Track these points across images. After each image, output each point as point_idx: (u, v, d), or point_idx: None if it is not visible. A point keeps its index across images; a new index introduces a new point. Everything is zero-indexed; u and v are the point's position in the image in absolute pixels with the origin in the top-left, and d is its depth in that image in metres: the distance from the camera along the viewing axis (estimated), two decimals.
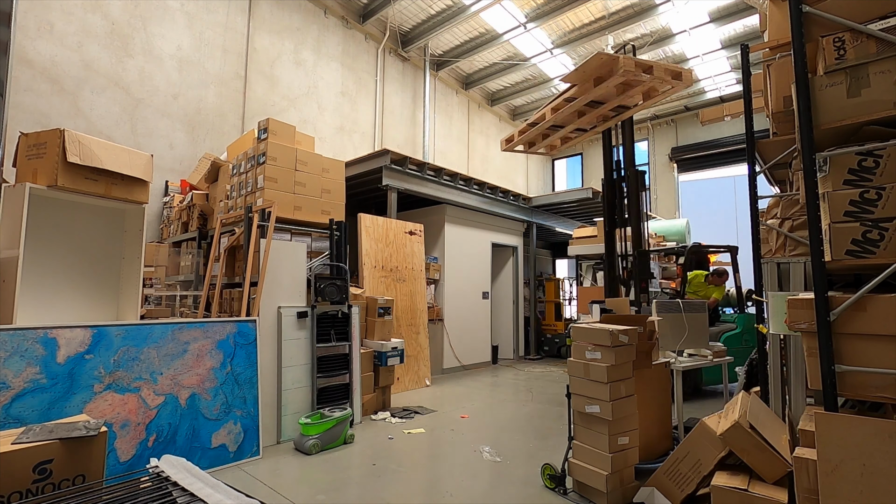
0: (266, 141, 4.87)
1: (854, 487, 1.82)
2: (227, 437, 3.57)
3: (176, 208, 6.56)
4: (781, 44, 2.90)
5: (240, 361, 3.77)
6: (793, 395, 2.74)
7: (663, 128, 14.82)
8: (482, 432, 4.56)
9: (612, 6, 9.52)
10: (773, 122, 3.05)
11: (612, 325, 3.12)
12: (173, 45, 7.08)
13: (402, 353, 5.42)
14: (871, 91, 1.97)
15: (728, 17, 9.51)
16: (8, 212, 3.54)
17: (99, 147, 3.70)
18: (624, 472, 2.98)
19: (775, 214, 3.10)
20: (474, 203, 8.34)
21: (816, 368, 2.00)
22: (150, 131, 6.80)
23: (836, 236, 1.97)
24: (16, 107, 5.52)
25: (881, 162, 1.95)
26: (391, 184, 6.78)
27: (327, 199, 5.29)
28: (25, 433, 2.20)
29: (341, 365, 4.68)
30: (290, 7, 8.73)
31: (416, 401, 5.82)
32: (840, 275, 2.39)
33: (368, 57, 10.20)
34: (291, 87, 8.69)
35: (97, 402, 2.97)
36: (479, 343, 8.61)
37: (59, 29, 5.99)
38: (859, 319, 1.92)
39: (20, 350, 2.75)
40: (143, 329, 3.31)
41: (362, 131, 9.99)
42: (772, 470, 2.45)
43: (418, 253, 7.16)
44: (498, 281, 9.69)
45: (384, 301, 5.55)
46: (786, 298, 2.19)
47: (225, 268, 4.93)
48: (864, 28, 2.01)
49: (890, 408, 2.10)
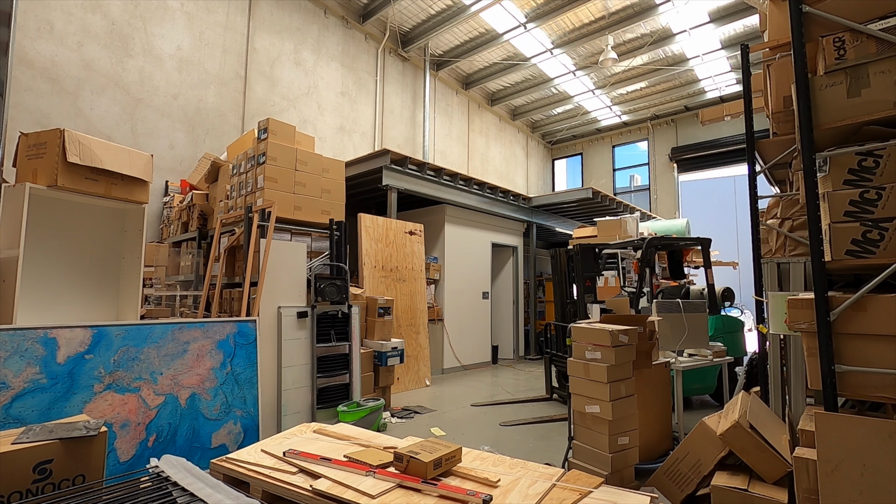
0: (266, 141, 4.87)
1: (854, 487, 1.82)
2: (227, 437, 3.57)
3: (176, 208, 6.56)
4: (781, 44, 2.90)
5: (240, 361, 3.77)
6: (793, 395, 2.74)
7: (663, 128, 14.81)
8: (482, 432, 4.56)
9: (612, 6, 9.51)
10: (773, 122, 3.05)
11: (611, 325, 3.12)
12: (173, 45, 7.08)
13: (402, 353, 5.42)
14: (871, 91, 1.97)
15: (728, 17, 9.51)
16: (8, 212, 3.54)
17: (99, 147, 3.70)
18: (624, 472, 2.97)
19: (775, 214, 3.11)
20: (474, 203, 8.34)
21: (816, 368, 2.00)
22: (150, 131, 6.79)
23: (836, 236, 1.97)
24: (16, 107, 5.52)
25: (881, 162, 1.95)
26: (391, 184, 6.77)
27: (327, 199, 5.29)
28: (25, 433, 2.20)
29: (341, 365, 4.68)
30: (290, 7, 8.73)
31: (417, 401, 5.82)
32: (840, 275, 2.39)
33: (368, 57, 10.20)
34: (291, 87, 8.69)
35: (97, 402, 2.97)
36: (479, 343, 8.61)
37: (59, 29, 5.99)
38: (859, 319, 1.92)
39: (20, 350, 2.75)
40: (143, 329, 3.31)
41: (362, 131, 9.99)
42: (772, 470, 2.45)
43: (418, 253, 7.16)
44: (498, 281, 9.69)
45: (384, 301, 5.55)
46: (786, 298, 2.19)
47: (225, 268, 4.93)
48: (864, 28, 2.01)
49: (890, 408, 2.10)
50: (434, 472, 2.13)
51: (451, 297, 8.00)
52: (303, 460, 2.35)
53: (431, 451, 2.20)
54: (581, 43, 10.45)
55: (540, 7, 9.46)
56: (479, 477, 2.14)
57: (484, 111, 13.71)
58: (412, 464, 2.13)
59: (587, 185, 12.08)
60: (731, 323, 5.62)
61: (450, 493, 1.97)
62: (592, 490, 2.09)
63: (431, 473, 2.11)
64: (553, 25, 10.19)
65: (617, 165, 15.85)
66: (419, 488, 2.03)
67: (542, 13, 9.53)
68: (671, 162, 14.54)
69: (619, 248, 6.84)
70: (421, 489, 2.03)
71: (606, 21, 9.88)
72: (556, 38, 10.68)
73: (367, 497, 1.95)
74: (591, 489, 2.09)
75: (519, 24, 9.87)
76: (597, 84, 12.76)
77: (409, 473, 2.13)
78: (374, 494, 1.97)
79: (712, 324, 5.31)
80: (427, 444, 2.30)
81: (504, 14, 9.59)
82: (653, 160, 14.93)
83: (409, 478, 2.10)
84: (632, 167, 15.59)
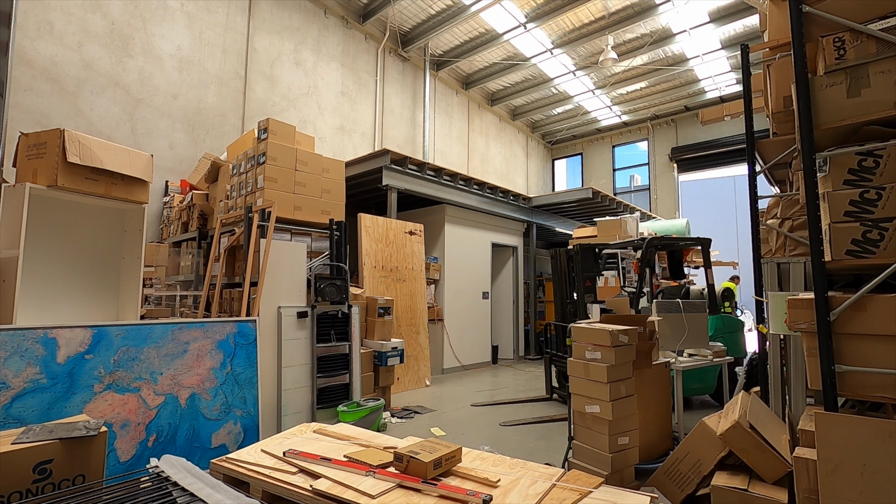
0: (266, 141, 4.87)
1: (854, 487, 1.82)
2: (227, 437, 3.57)
3: (176, 208, 6.56)
4: (781, 44, 2.90)
5: (240, 361, 3.77)
6: (793, 395, 2.74)
7: (663, 128, 14.81)
8: (482, 432, 4.56)
9: (612, 6, 9.51)
10: (773, 122, 3.05)
11: (611, 325, 3.12)
12: (173, 45, 7.08)
13: (402, 353, 5.42)
14: (871, 91, 1.97)
15: (728, 17, 9.51)
16: (8, 212, 3.54)
17: (99, 147, 3.70)
18: (624, 472, 2.97)
19: (775, 214, 3.11)
20: (474, 203, 8.34)
21: (816, 368, 2.00)
22: (150, 131, 6.79)
23: (836, 236, 1.97)
24: (16, 107, 5.52)
25: (881, 162, 1.95)
26: (391, 184, 6.77)
27: (327, 199, 5.29)
28: (25, 433, 2.20)
29: (341, 365, 4.68)
30: (290, 7, 8.73)
31: (417, 401, 5.82)
32: (840, 275, 2.39)
33: (368, 57, 10.20)
34: (291, 87, 8.69)
35: (97, 402, 2.97)
36: (479, 343, 8.61)
37: (59, 29, 5.99)
38: (859, 319, 1.92)
39: (20, 350, 2.74)
40: (143, 329, 3.31)
41: (362, 131, 9.99)
42: (772, 470, 2.45)
43: (418, 253, 7.16)
44: (498, 281, 9.69)
45: (384, 301, 5.55)
46: (786, 298, 2.19)
47: (225, 268, 4.93)
48: (864, 28, 2.00)
49: (890, 408, 2.10)
50: (434, 472, 2.13)
51: (451, 297, 7.99)
52: (303, 460, 2.35)
53: (431, 452, 2.20)
54: (581, 43, 10.45)
55: (540, 7, 9.46)
56: (478, 477, 2.14)
57: (484, 111, 13.71)
58: (412, 464, 2.13)
59: (587, 185, 12.08)
60: (731, 323, 5.62)
61: (450, 492, 1.97)
62: (592, 490, 2.09)
63: (431, 473, 2.11)
64: (553, 25, 10.19)
65: (617, 165, 15.86)
66: (419, 488, 2.03)
67: (542, 13, 9.53)
68: (671, 162, 14.54)
69: (619, 248, 6.85)
70: (421, 489, 2.03)
71: (606, 21, 9.88)
72: (556, 38, 10.68)
73: (367, 497, 1.95)
74: (591, 489, 2.09)
75: (519, 24, 9.87)
76: (597, 84, 12.76)
77: (409, 473, 2.13)
78: (374, 494, 1.97)
79: (712, 324, 5.30)
80: (427, 444, 2.30)
81: (504, 14, 9.59)
82: (653, 160, 14.93)
83: (409, 478, 2.10)
84: (632, 167, 15.59)
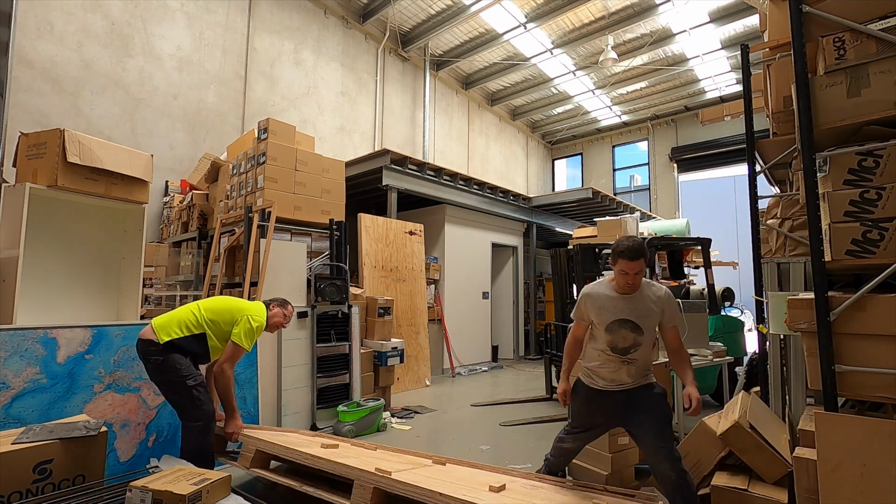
0: (266, 141, 4.87)
1: (854, 487, 1.82)
2: None
3: (176, 208, 6.55)
4: (781, 44, 2.90)
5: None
6: (793, 395, 2.74)
7: (663, 128, 14.81)
8: (482, 431, 4.56)
9: (612, 6, 9.51)
10: (773, 122, 3.05)
11: None
12: (173, 45, 7.08)
13: (402, 353, 5.41)
14: (870, 91, 1.97)
15: (728, 17, 9.50)
16: (8, 212, 3.54)
17: (99, 147, 3.70)
18: (624, 472, 2.98)
19: (775, 214, 3.11)
20: (474, 203, 8.34)
21: (816, 368, 2.00)
22: (150, 131, 6.79)
23: (836, 236, 1.97)
24: (16, 107, 5.51)
25: (881, 162, 1.95)
26: (391, 184, 6.77)
27: (327, 199, 5.29)
28: (25, 433, 2.20)
29: (341, 365, 4.68)
30: (290, 7, 8.72)
31: (417, 401, 5.82)
32: (840, 275, 2.39)
33: (368, 57, 10.19)
34: (291, 87, 8.68)
35: (97, 402, 2.97)
36: (479, 343, 8.61)
37: (59, 29, 5.98)
38: (859, 319, 1.92)
39: (20, 350, 2.74)
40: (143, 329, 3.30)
41: (362, 131, 9.98)
42: (772, 470, 2.45)
43: (418, 253, 7.16)
44: (498, 281, 9.68)
45: (384, 301, 5.55)
46: (786, 298, 2.19)
47: (225, 268, 4.93)
48: (864, 28, 2.00)
49: (890, 408, 2.10)
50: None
51: (451, 297, 7.99)
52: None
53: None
54: (581, 43, 10.45)
55: (540, 7, 9.46)
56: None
57: (484, 111, 13.71)
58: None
59: (587, 185, 12.06)
60: (731, 323, 5.62)
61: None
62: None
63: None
64: (553, 25, 10.19)
65: (617, 165, 15.85)
66: None
67: (542, 13, 9.52)
68: (671, 162, 14.54)
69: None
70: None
71: (606, 21, 9.88)
72: (556, 38, 10.68)
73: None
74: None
75: (519, 24, 9.86)
76: (597, 84, 12.76)
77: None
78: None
79: (712, 324, 5.30)
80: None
81: (504, 14, 9.58)
82: (653, 160, 14.93)
83: None
84: (632, 167, 15.58)
